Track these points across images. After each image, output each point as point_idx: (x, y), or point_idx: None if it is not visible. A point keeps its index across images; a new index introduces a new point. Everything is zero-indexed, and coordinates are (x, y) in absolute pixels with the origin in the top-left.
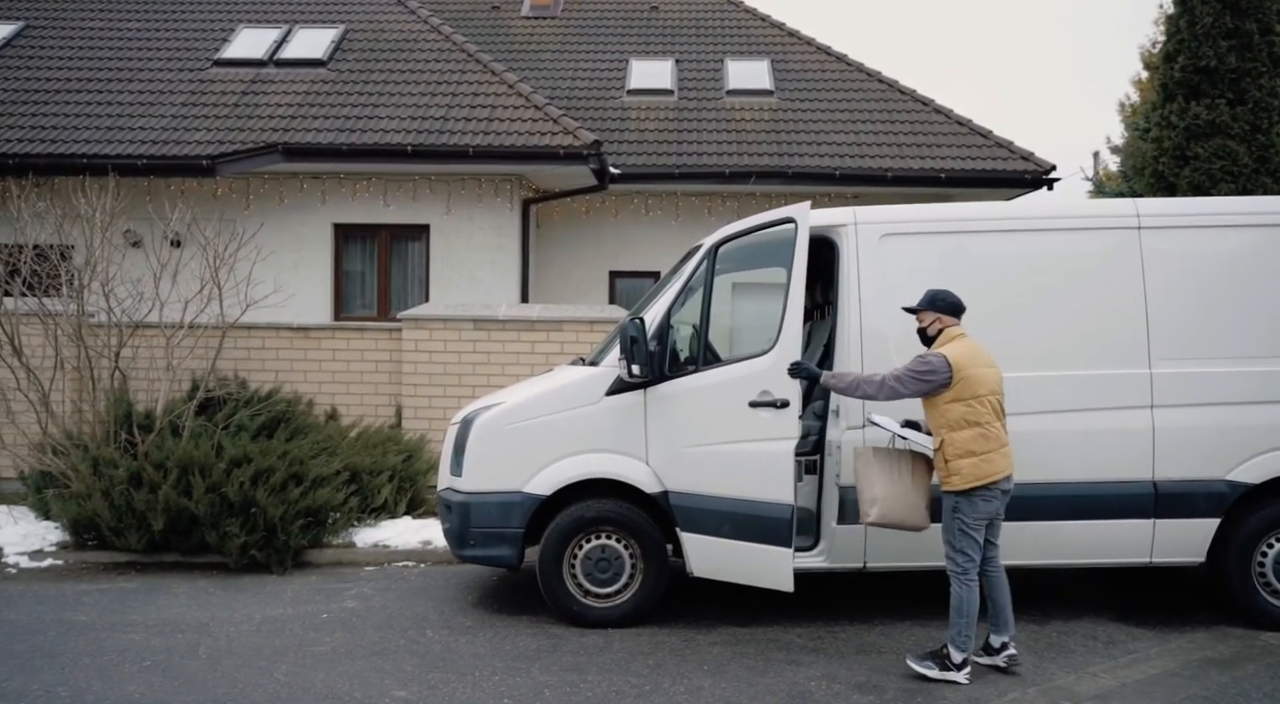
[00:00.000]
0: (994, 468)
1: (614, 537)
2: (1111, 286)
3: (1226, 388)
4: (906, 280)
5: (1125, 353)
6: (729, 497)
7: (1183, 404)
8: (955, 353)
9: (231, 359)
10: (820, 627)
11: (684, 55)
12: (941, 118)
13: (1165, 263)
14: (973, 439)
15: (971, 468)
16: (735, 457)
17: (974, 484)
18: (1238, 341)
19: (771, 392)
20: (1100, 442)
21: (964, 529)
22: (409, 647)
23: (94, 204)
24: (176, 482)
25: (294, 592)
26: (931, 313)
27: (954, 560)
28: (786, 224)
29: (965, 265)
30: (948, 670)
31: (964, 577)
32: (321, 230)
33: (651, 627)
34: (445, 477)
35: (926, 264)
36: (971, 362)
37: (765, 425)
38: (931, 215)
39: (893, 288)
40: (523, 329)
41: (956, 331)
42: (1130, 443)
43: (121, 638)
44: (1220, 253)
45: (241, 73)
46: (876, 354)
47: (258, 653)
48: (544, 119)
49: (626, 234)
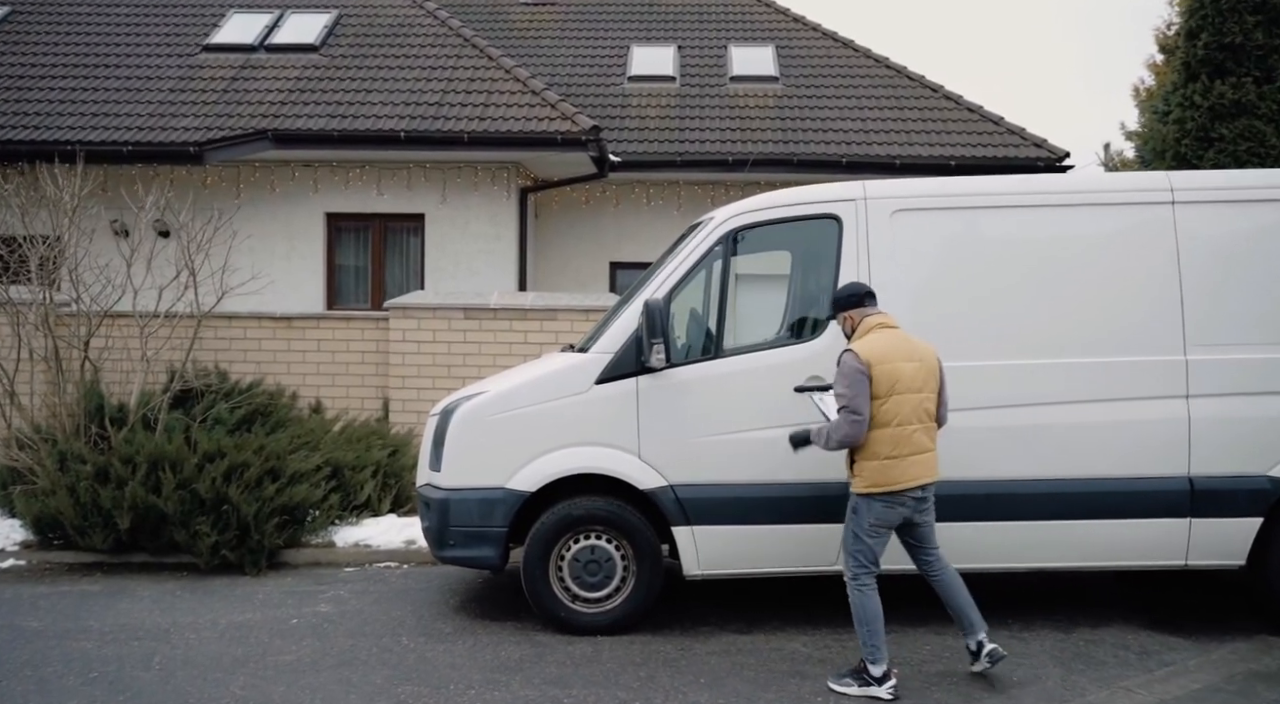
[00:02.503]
0: (902, 475)
1: (604, 537)
2: (1143, 265)
3: (1269, 376)
4: (921, 261)
5: (1158, 338)
6: (766, 482)
7: (1221, 393)
8: (867, 346)
9: (212, 350)
10: (828, 635)
11: (686, 41)
12: (950, 104)
13: (1202, 240)
14: (881, 441)
15: (876, 472)
16: (776, 443)
17: (874, 489)
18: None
19: (823, 376)
20: (1130, 434)
21: (858, 533)
22: (381, 656)
23: (63, 186)
24: (145, 478)
25: (265, 594)
26: (841, 314)
27: (848, 564)
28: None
29: (984, 242)
30: (867, 686)
31: (855, 582)
32: (313, 220)
33: (644, 634)
34: (424, 472)
35: (942, 242)
36: (887, 355)
37: (815, 409)
38: (948, 189)
39: (906, 270)
40: (515, 318)
41: (874, 321)
42: (1163, 435)
43: (71, 646)
44: (1262, 229)
45: (231, 58)
46: None
47: (216, 663)
48: (542, 104)
49: (627, 224)
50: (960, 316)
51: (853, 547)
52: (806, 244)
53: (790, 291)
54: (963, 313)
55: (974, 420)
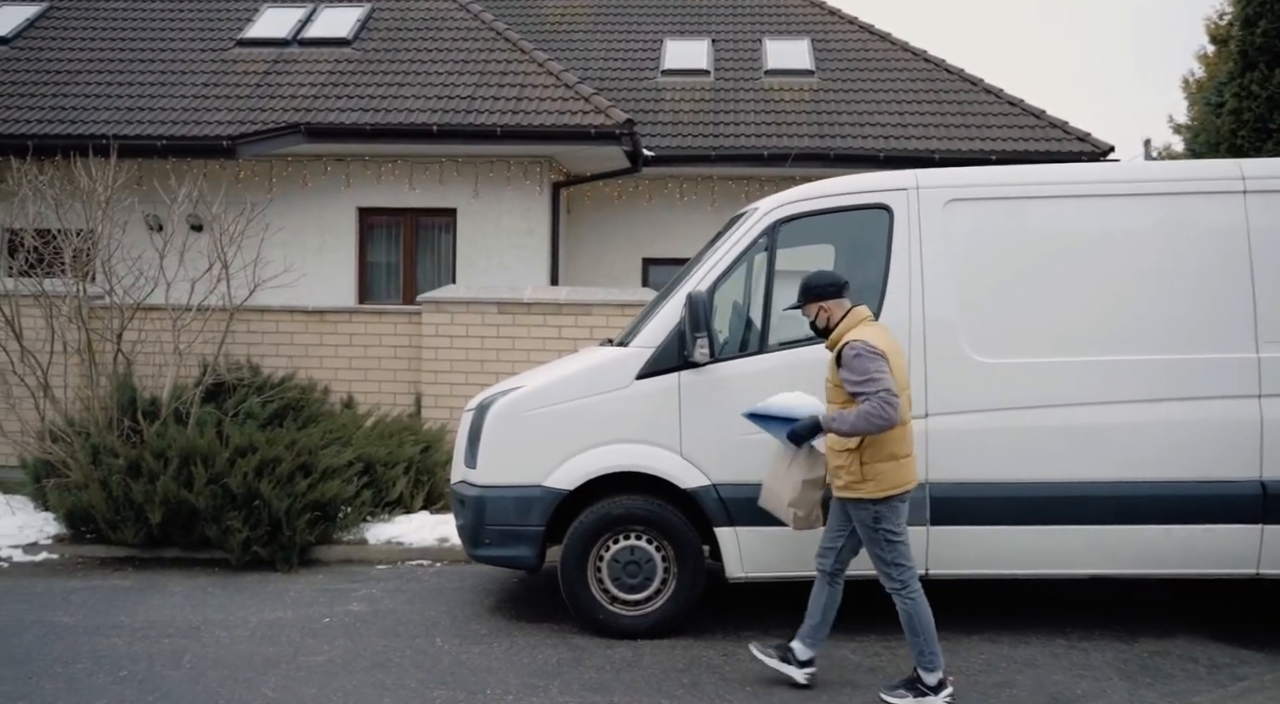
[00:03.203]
0: (911, 474)
1: (644, 537)
2: (1212, 258)
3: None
4: (976, 253)
5: (1228, 334)
6: None
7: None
8: (876, 337)
9: (244, 343)
10: (876, 642)
11: (720, 35)
12: (991, 98)
13: (1276, 231)
14: (896, 439)
15: (894, 472)
16: None
17: (892, 492)
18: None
19: None
20: (1198, 435)
21: (891, 539)
22: (414, 658)
23: (96, 178)
24: (177, 472)
25: (297, 592)
26: (814, 304)
27: (889, 575)
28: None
29: (1043, 234)
30: (922, 696)
31: (905, 591)
32: (345, 214)
33: (686, 638)
34: (459, 468)
35: (999, 233)
36: (891, 348)
37: None
38: (1005, 178)
39: (960, 262)
40: (549, 313)
41: (861, 313)
42: (1234, 437)
43: (102, 643)
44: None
45: (264, 52)
46: (942, 347)
47: (247, 662)
48: (575, 98)
49: (660, 219)
50: (1018, 311)
51: (890, 555)
52: (855, 236)
53: None
54: (1021, 307)
55: (1032, 420)
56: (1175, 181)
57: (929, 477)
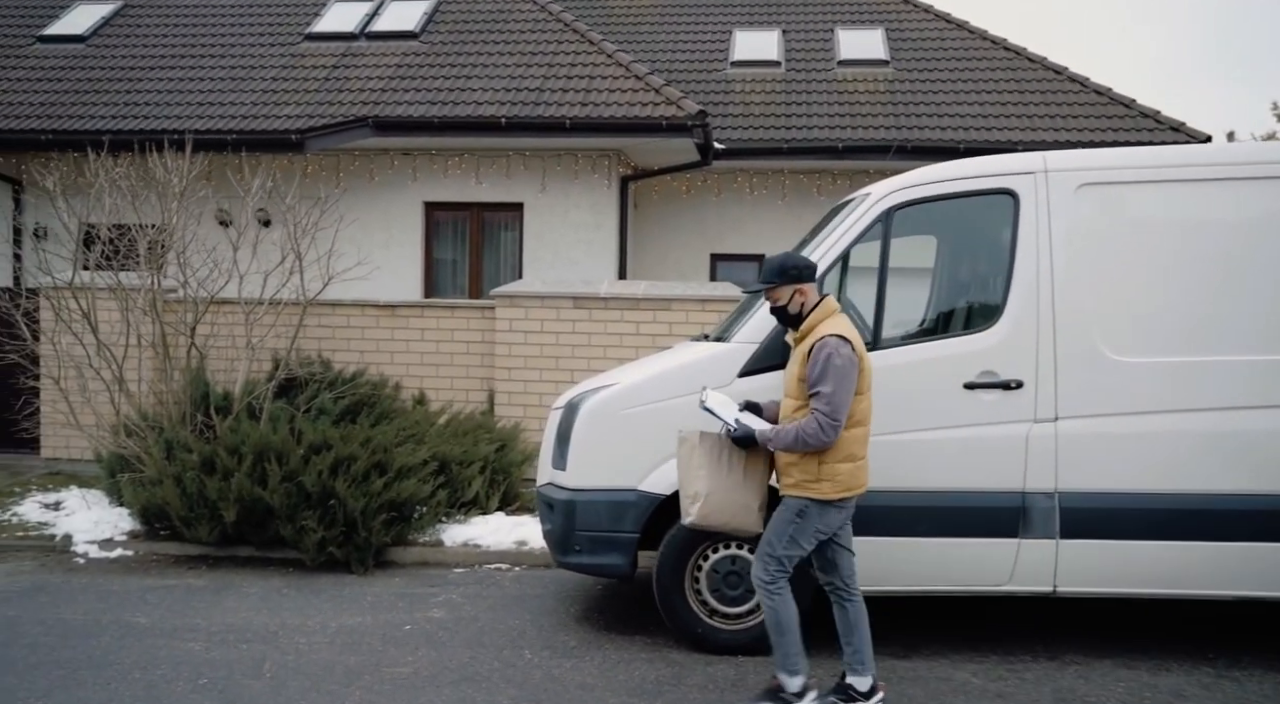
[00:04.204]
0: (865, 478)
1: (747, 545)
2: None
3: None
4: (1111, 243)
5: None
6: (933, 489)
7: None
8: (850, 331)
9: (315, 338)
10: (998, 663)
11: (791, 25)
12: (1076, 87)
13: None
14: (857, 440)
15: (850, 476)
16: (943, 445)
17: (846, 494)
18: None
19: (998, 372)
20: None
21: (798, 539)
22: (504, 672)
23: (171, 169)
24: (251, 469)
25: (375, 596)
26: (788, 286)
27: (765, 566)
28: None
29: (1189, 221)
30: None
31: (773, 587)
32: (412, 209)
33: None
34: (546, 470)
35: (1138, 220)
36: (862, 343)
37: (987, 409)
38: (1145, 160)
39: (1094, 253)
40: (626, 308)
41: (833, 303)
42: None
43: (180, 647)
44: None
45: (332, 46)
46: (1074, 344)
47: (329, 673)
48: (645, 89)
49: (730, 214)
50: (1160, 306)
51: (785, 551)
52: (975, 224)
53: (956, 276)
54: (1163, 302)
55: (1175, 424)
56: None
57: (1058, 486)
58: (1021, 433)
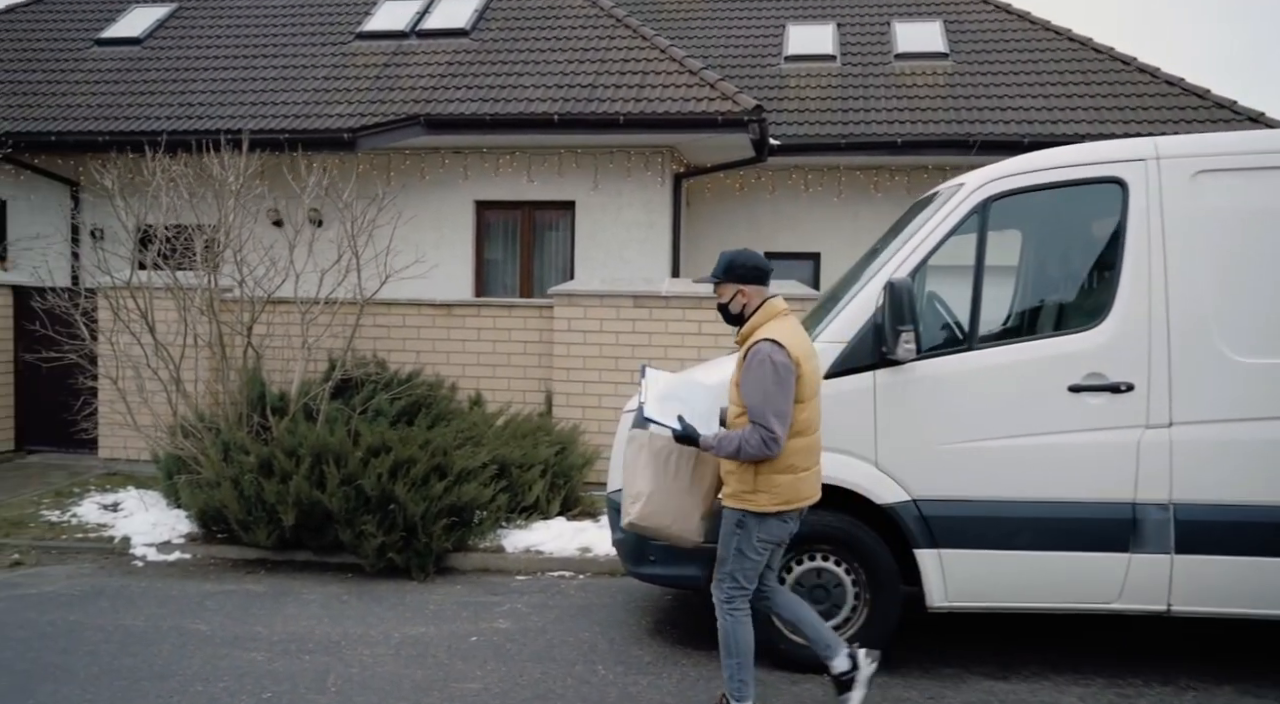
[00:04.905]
0: (810, 489)
1: (833, 558)
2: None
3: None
4: (1233, 235)
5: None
6: (1034, 499)
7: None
8: (790, 338)
9: (370, 337)
10: (1106, 686)
11: (845, 18)
12: (1146, 78)
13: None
14: (798, 452)
15: (788, 488)
16: (1045, 452)
17: (784, 507)
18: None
19: (1105, 374)
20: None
21: (744, 551)
22: (578, 689)
23: (228, 166)
24: (309, 471)
25: (437, 604)
26: (731, 285)
27: (721, 585)
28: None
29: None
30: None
31: (729, 606)
32: (463, 208)
33: (881, 675)
34: (617, 476)
35: (1265, 211)
36: (805, 351)
37: (1093, 413)
38: (1272, 144)
39: (1213, 246)
40: (689, 307)
41: (778, 305)
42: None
43: (242, 657)
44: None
45: (383, 45)
46: (1192, 344)
47: (395, 687)
48: (700, 84)
49: (784, 212)
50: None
51: (735, 566)
52: (1079, 214)
53: (1057, 271)
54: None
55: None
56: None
57: (1173, 497)
58: (1132, 439)
